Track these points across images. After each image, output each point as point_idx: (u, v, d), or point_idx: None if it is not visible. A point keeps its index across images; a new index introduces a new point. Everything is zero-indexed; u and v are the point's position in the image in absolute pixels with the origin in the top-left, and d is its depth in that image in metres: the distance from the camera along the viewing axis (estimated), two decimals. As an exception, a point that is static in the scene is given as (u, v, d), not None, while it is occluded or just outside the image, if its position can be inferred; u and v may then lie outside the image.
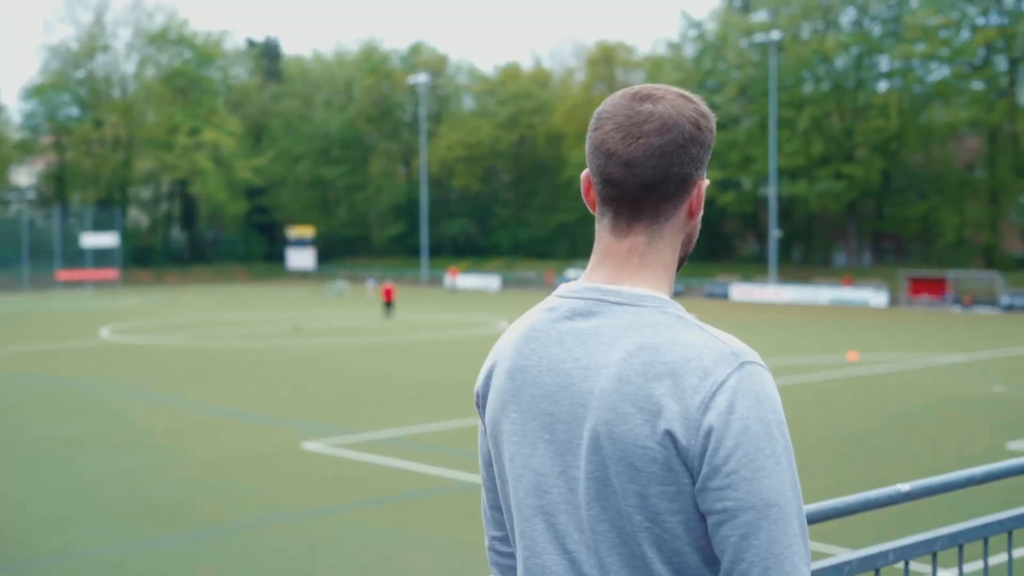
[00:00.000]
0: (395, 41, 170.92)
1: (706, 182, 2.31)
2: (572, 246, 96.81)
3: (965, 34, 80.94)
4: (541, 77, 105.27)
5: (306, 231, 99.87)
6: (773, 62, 77.29)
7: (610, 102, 2.26)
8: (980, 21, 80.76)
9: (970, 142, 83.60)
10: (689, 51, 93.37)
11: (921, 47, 79.96)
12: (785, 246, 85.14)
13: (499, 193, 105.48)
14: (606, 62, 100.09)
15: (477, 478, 17.48)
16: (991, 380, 29.54)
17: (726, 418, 2.03)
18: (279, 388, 28.46)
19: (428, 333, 44.92)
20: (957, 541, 3.75)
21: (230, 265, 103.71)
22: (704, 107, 2.28)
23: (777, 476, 2.04)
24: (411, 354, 36.76)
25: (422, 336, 43.56)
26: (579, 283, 2.29)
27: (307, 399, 26.51)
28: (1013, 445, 20.18)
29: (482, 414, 2.42)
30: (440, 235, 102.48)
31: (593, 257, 2.31)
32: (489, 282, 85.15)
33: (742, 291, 71.39)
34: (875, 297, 66.81)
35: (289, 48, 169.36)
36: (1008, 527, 3.96)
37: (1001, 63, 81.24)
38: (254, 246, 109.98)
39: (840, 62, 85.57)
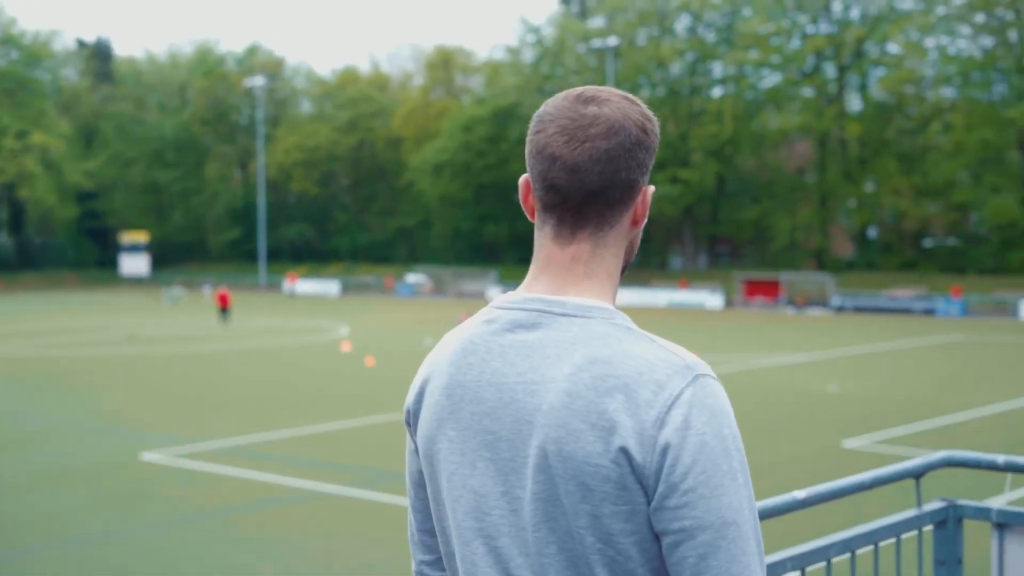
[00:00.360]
0: (231, 43, 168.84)
1: (651, 188, 2.21)
2: (412, 250, 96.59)
3: (796, 42, 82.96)
4: (380, 81, 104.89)
5: (140, 236, 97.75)
6: (610, 68, 78.14)
7: (552, 104, 2.15)
8: (810, 29, 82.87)
9: (801, 147, 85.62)
10: (528, 56, 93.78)
11: (753, 54, 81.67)
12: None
13: (338, 197, 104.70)
14: (445, 66, 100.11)
15: (326, 486, 17.20)
16: (826, 380, 30.15)
17: (682, 434, 1.93)
18: (115, 397, 27.67)
19: (267, 339, 44.25)
20: (850, 547, 3.79)
21: (60, 271, 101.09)
22: (648, 111, 2.18)
23: (735, 493, 1.96)
24: (251, 361, 36.12)
25: (261, 342, 42.89)
26: (519, 294, 2.17)
27: (145, 408, 25.80)
28: (848, 443, 20.63)
29: (412, 432, 2.28)
30: (278, 240, 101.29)
31: (533, 266, 2.19)
32: (329, 287, 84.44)
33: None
34: (711, 299, 67.95)
35: (121, 49, 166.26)
36: (897, 532, 4.02)
37: (830, 70, 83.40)
38: (86, 252, 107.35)
39: (675, 68, 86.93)
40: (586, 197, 2.09)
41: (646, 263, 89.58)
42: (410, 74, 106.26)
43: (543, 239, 2.17)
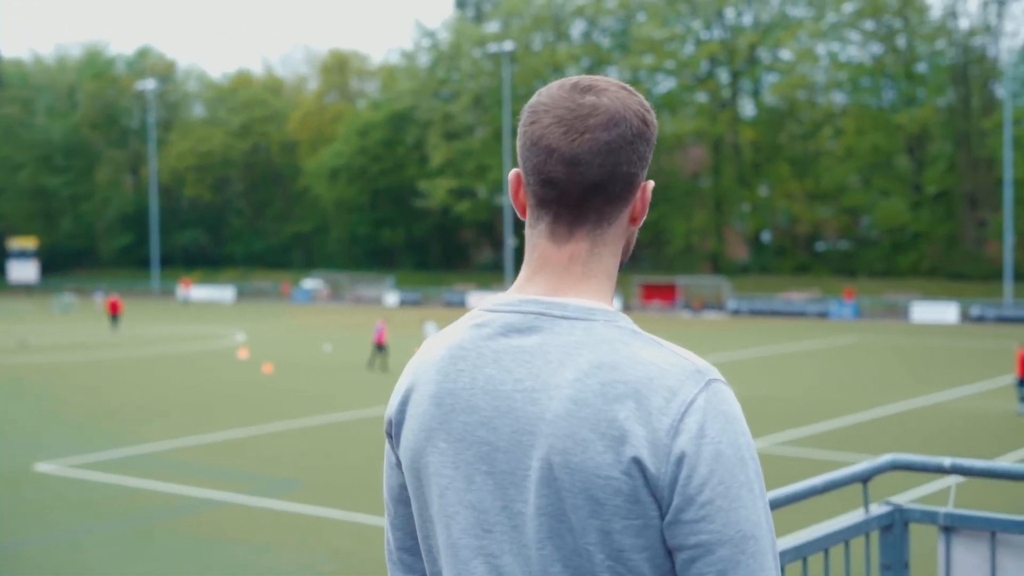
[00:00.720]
0: (121, 45, 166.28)
1: (651, 184, 2.07)
2: (308, 256, 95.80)
3: (690, 47, 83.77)
4: (274, 84, 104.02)
5: (28, 242, 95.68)
6: (507, 72, 78.14)
7: (547, 93, 2.01)
8: (704, 35, 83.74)
9: (695, 152, 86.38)
10: (423, 60, 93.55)
11: (648, 59, 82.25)
12: (520, 254, 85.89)
13: (233, 202, 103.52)
14: (340, 70, 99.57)
15: (229, 495, 16.85)
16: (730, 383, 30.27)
17: (698, 443, 1.82)
18: (6, 407, 26.99)
19: (161, 347, 43.53)
20: (802, 554, 3.74)
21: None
22: (646, 101, 2.05)
23: (752, 505, 1.84)
24: (147, 369, 35.48)
25: (156, 350, 42.17)
26: (511, 295, 2.03)
27: (37, 418, 25.18)
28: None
29: (394, 444, 2.13)
30: (171, 246, 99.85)
31: (526, 267, 2.05)
32: (223, 293, 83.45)
33: (479, 300, 71.79)
34: (609, 303, 68.10)
35: (6, 50, 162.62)
36: (846, 537, 3.96)
37: (724, 76, 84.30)
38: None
39: (571, 73, 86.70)
40: (585, 192, 1.96)
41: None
42: (304, 78, 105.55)
43: (537, 237, 2.03)
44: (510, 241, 76.12)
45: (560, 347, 1.91)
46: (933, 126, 74.80)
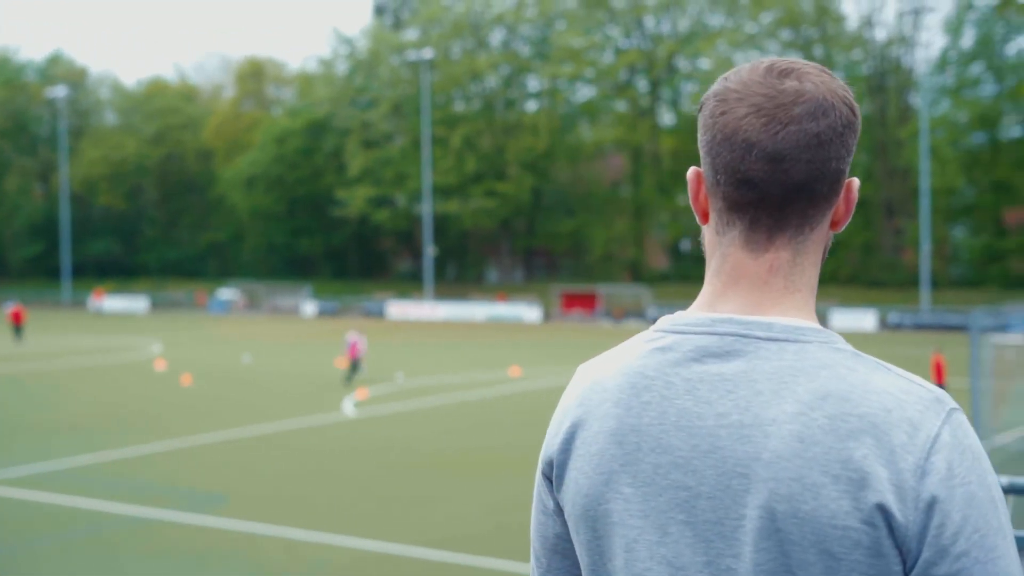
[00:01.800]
0: (31, 51, 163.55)
1: (856, 182, 1.80)
2: (224, 265, 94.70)
3: (609, 56, 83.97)
4: (188, 92, 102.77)
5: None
6: (426, 80, 77.77)
7: (736, 78, 1.74)
8: (623, 44, 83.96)
9: (615, 161, 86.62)
10: (341, 68, 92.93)
11: (568, 68, 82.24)
12: (440, 263, 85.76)
13: (146, 211, 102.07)
14: (256, 78, 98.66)
15: (152, 511, 16.25)
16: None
17: (948, 484, 1.59)
18: (-87, 421, 26.07)
19: (70, 359, 42.52)
20: None
21: None
22: (847, 85, 1.78)
23: (1008, 554, 1.62)
24: (62, 381, 34.56)
25: (64, 362, 41.17)
26: (698, 314, 1.77)
27: (-53, 432, 24.31)
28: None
29: (555, 488, 1.85)
30: (83, 255, 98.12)
31: (716, 279, 1.79)
32: (137, 304, 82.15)
33: (399, 309, 71.38)
34: (529, 312, 68.07)
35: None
36: None
37: (643, 84, 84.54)
38: None
39: (491, 81, 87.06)
40: (789, 193, 1.70)
41: (463, 276, 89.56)
42: (220, 85, 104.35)
43: (728, 246, 1.77)
44: (430, 250, 75.75)
45: (770, 374, 1.67)
46: (851, 135, 75.38)
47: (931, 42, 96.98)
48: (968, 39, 74.24)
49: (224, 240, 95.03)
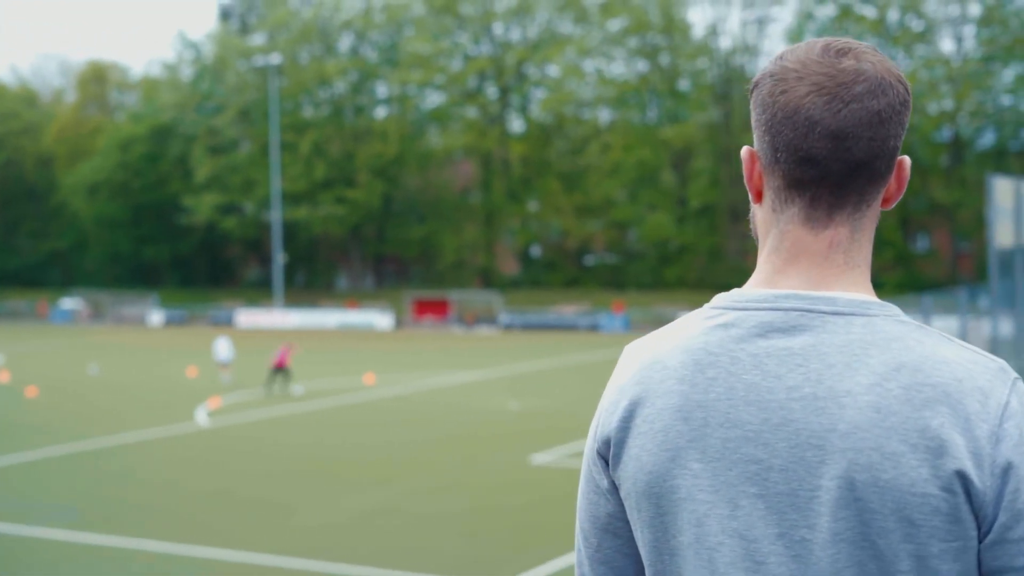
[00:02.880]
0: None
1: (908, 160, 1.83)
2: (67, 274, 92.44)
3: (458, 62, 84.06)
4: (27, 96, 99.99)
5: None
6: (273, 86, 77.03)
7: (793, 57, 1.78)
8: (472, 50, 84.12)
9: (465, 167, 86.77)
10: (186, 73, 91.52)
11: (417, 74, 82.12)
12: (289, 271, 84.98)
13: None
14: (98, 82, 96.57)
15: (4, 527, 15.78)
16: (503, 397, 30.32)
17: (1021, 450, 1.64)
18: None
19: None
20: None
21: None
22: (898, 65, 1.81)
23: None
24: None
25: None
26: (759, 290, 1.81)
27: None
28: (537, 458, 20.75)
29: (612, 467, 1.86)
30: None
31: (774, 256, 1.82)
32: (-25, 314, 79.85)
33: (248, 317, 70.56)
34: (381, 319, 67.85)
35: None
36: None
37: (492, 91, 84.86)
38: None
39: (340, 87, 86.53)
40: (850, 170, 1.74)
41: (313, 284, 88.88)
42: (61, 90, 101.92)
43: (787, 223, 1.80)
44: (279, 257, 75.07)
45: (841, 347, 1.70)
46: (696, 142, 76.85)
47: (774, 51, 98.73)
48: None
49: (66, 248, 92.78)
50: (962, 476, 1.62)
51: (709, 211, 77.48)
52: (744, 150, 1.86)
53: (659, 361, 1.83)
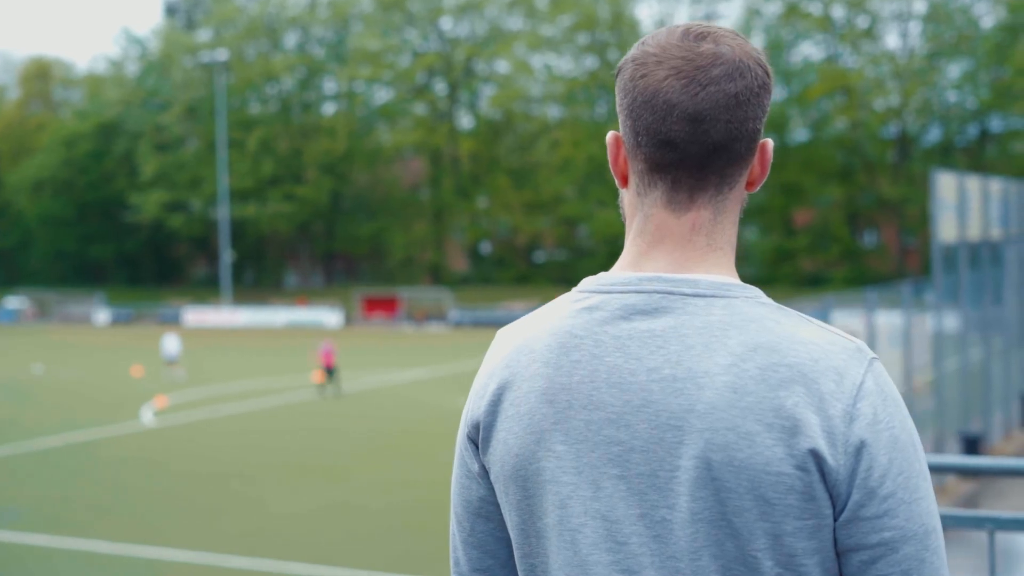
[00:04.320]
0: None
1: (770, 142, 1.84)
2: (11, 273, 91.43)
3: (407, 59, 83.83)
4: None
5: None
6: (220, 82, 76.54)
7: (654, 42, 1.78)
8: (421, 47, 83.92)
9: (415, 164, 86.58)
10: (132, 69, 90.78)
11: (365, 70, 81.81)
12: (237, 268, 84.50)
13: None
14: (42, 79, 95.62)
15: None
16: (455, 395, 30.15)
17: (874, 429, 1.66)
18: None
19: None
20: None
21: None
22: (759, 48, 1.83)
23: (928, 495, 1.71)
24: None
25: None
26: (624, 273, 1.80)
27: None
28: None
29: (481, 451, 1.87)
30: None
31: (639, 239, 1.82)
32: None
33: (196, 315, 70.09)
34: (330, 317, 67.59)
35: None
36: None
37: (441, 87, 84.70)
38: None
39: (287, 83, 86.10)
40: (709, 153, 1.75)
41: (262, 281, 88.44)
42: (3, 86, 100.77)
43: (651, 207, 1.80)
44: (227, 255, 74.65)
45: (700, 329, 1.72)
46: (644, 137, 76.95)
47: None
48: (756, 45, 76.20)
49: (10, 247, 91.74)
50: (815, 455, 1.62)
51: (654, 210, 77.60)
52: (609, 135, 1.85)
53: (526, 344, 1.82)
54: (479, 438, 1.86)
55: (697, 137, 1.72)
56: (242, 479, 19.02)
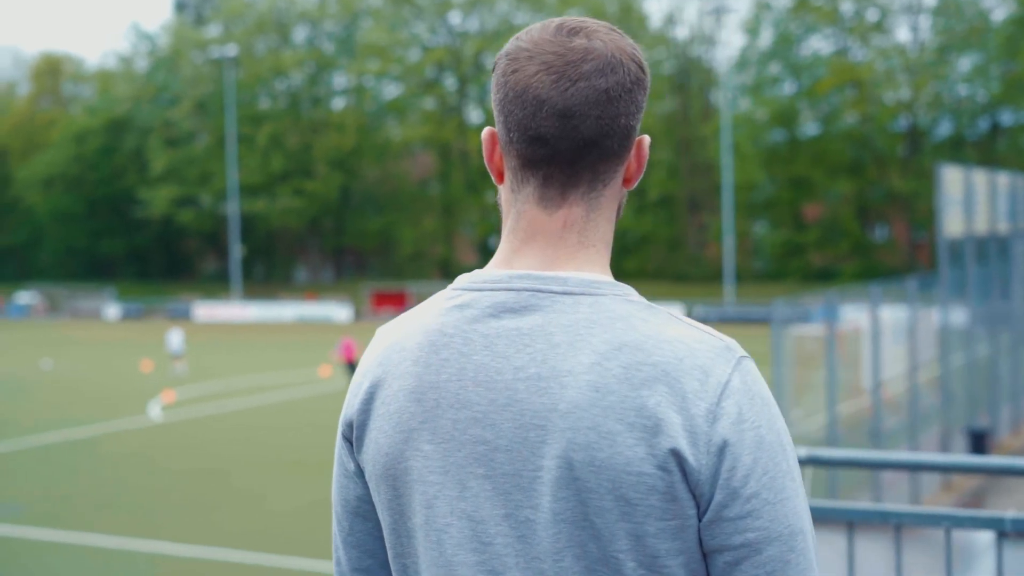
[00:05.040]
0: None
1: (647, 139, 1.83)
2: (22, 268, 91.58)
3: (416, 53, 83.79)
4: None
5: None
6: (229, 77, 76.57)
7: (527, 37, 1.76)
8: (430, 41, 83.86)
9: (424, 158, 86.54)
10: (142, 65, 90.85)
11: (374, 65, 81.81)
12: (247, 263, 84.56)
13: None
14: (52, 74, 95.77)
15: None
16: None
17: (739, 428, 1.64)
18: None
19: None
20: None
21: None
22: (636, 44, 1.80)
23: (796, 495, 1.67)
24: None
25: None
26: (496, 271, 1.78)
27: None
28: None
29: (355, 449, 1.85)
30: None
31: (512, 237, 1.80)
32: (-71, 310, 78.92)
33: (206, 310, 70.12)
34: (340, 312, 67.58)
35: None
36: None
37: (450, 82, 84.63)
38: None
39: (296, 79, 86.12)
40: (580, 149, 1.72)
41: (271, 276, 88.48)
42: (14, 82, 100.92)
43: (523, 203, 1.78)
44: (237, 250, 74.67)
45: (566, 327, 1.69)
46: (654, 133, 76.79)
47: (731, 41, 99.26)
48: (766, 39, 76.35)
49: (21, 242, 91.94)
50: (676, 454, 1.60)
51: (668, 202, 77.53)
52: (485, 131, 1.81)
53: (399, 342, 1.80)
54: (353, 436, 1.83)
55: (567, 133, 1.69)
56: (244, 475, 19.02)
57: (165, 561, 13.68)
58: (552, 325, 1.69)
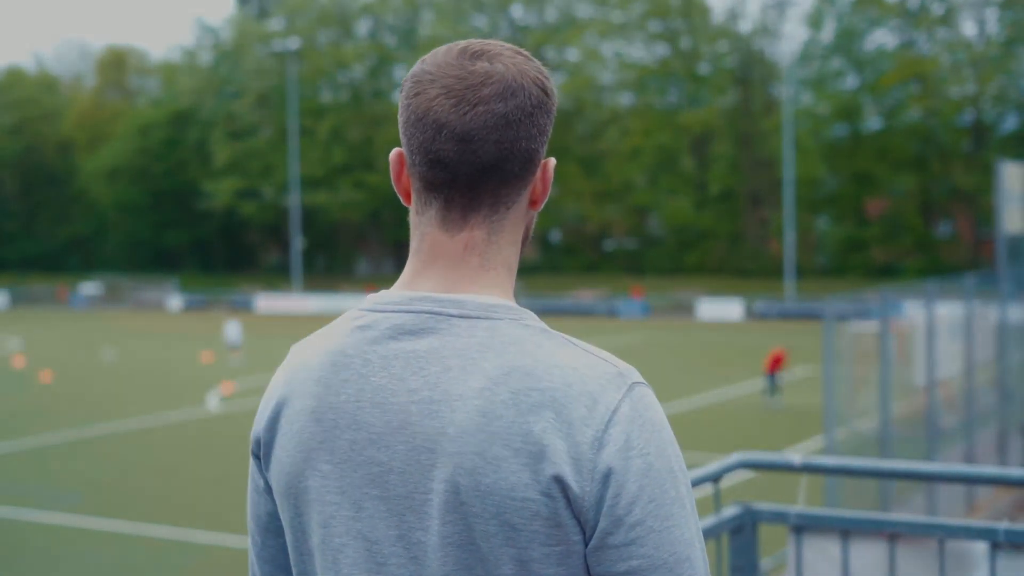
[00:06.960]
0: None
1: (552, 161, 1.84)
2: (87, 259, 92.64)
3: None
4: (47, 82, 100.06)
5: None
6: (292, 70, 77.03)
7: (431, 61, 1.78)
8: (491, 34, 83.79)
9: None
10: (205, 58, 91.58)
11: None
12: (309, 255, 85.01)
13: (5, 204, 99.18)
14: (118, 67, 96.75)
15: (5, 511, 15.83)
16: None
17: (625, 455, 1.64)
18: None
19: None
20: None
21: None
22: (544, 68, 1.82)
23: (685, 523, 1.67)
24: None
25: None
26: (398, 292, 1.79)
27: None
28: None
29: (263, 467, 1.86)
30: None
31: (414, 259, 1.81)
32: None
33: (267, 302, 70.63)
34: (399, 304, 67.84)
35: None
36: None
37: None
38: None
39: (358, 72, 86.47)
40: (479, 172, 1.73)
41: (332, 269, 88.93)
42: (80, 75, 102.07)
43: (426, 226, 1.79)
44: (298, 242, 75.12)
45: (460, 351, 1.70)
46: (716, 126, 76.54)
47: (794, 35, 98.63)
48: (829, 32, 75.77)
49: (87, 234, 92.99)
50: (560, 481, 1.61)
51: (729, 196, 77.16)
52: (393, 152, 1.83)
53: (305, 362, 1.81)
54: (261, 453, 1.85)
55: (466, 157, 1.71)
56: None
57: (221, 552, 13.84)
58: (447, 348, 1.70)
